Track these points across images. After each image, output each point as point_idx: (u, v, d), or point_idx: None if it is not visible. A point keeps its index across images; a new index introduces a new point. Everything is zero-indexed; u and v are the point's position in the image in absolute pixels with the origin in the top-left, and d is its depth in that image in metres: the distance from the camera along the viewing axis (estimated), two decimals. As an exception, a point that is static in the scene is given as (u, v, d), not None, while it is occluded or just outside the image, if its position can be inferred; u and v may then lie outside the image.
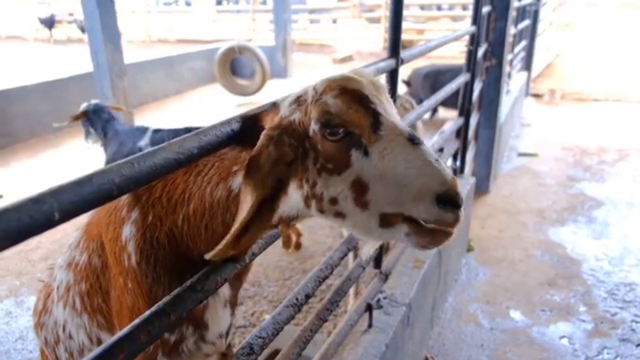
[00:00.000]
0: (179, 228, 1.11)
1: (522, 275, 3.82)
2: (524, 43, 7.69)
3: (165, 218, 1.12)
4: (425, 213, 0.89)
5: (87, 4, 6.58)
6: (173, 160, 0.81)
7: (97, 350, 0.80)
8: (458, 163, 3.69)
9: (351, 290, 2.58)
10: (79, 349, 1.40)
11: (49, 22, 18.32)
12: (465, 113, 3.48)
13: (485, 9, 3.88)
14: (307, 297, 1.46)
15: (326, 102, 0.93)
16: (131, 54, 9.32)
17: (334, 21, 17.50)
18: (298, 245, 4.01)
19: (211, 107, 9.24)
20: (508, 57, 5.40)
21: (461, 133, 3.52)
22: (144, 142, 3.80)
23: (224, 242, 0.94)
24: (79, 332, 1.37)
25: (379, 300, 2.25)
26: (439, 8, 16.49)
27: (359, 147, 0.92)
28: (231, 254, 0.99)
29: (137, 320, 0.87)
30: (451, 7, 16.29)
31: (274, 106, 1.03)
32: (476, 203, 4.82)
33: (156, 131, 3.87)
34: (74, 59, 13.25)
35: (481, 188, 5.08)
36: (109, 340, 0.83)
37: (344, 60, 13.31)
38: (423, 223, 0.92)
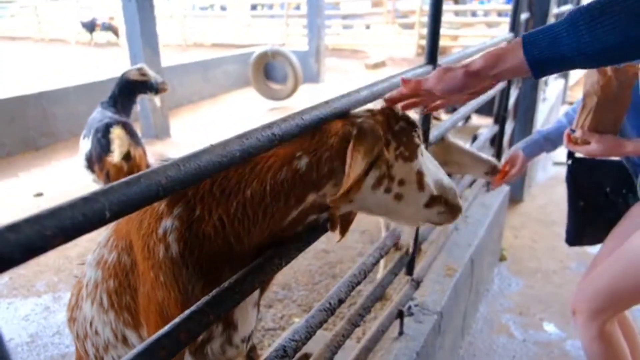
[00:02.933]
0: (230, 216, 1.13)
1: (557, 287, 3.73)
2: (561, 50, 7.53)
3: (216, 209, 1.13)
4: (455, 199, 1.26)
5: (127, 9, 6.78)
6: (217, 163, 0.83)
7: (139, 347, 0.82)
8: (492, 171, 3.63)
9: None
10: (104, 345, 1.42)
11: (90, 26, 18.87)
12: (500, 120, 3.43)
13: (524, 16, 3.83)
14: (340, 301, 1.46)
15: (407, 115, 1.24)
16: (168, 58, 9.51)
17: (367, 27, 17.49)
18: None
19: (245, 110, 9.36)
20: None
21: (496, 141, 3.47)
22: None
23: (345, 187, 1.06)
24: (105, 328, 1.39)
25: (410, 307, 2.24)
26: (474, 14, 16.30)
27: (419, 146, 1.22)
28: (342, 204, 1.13)
29: (177, 319, 0.90)
30: (486, 14, 16.09)
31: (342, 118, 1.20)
32: (510, 212, 4.74)
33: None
34: (112, 62, 13.62)
35: (515, 197, 5.00)
36: (150, 337, 0.85)
37: (377, 65, 13.29)
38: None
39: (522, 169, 2.40)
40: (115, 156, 3.57)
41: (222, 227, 1.13)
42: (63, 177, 6.08)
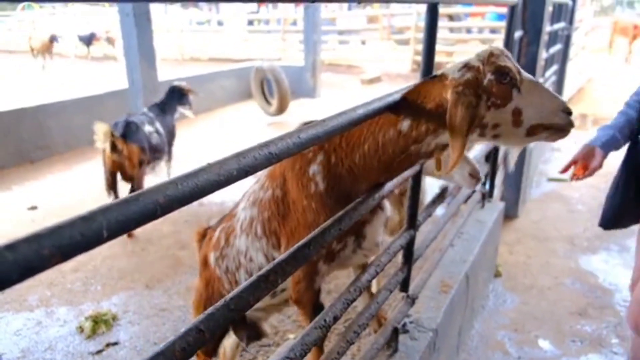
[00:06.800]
0: (356, 164, 1.56)
1: (552, 303, 3.73)
2: (555, 67, 7.61)
3: (345, 158, 1.57)
4: (560, 119, 1.40)
5: (125, 24, 6.81)
6: (214, 182, 0.84)
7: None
8: (487, 187, 3.65)
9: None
10: (257, 269, 1.82)
11: (88, 40, 18.95)
12: (495, 137, 3.45)
13: (517, 34, 3.87)
14: (335, 319, 1.46)
15: (498, 61, 1.40)
16: (165, 72, 9.53)
17: (363, 42, 17.63)
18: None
19: (241, 125, 9.38)
20: (539, 81, 5.35)
21: (490, 157, 3.49)
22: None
23: (453, 159, 1.36)
24: (258, 254, 1.83)
25: (405, 324, 2.23)
26: (469, 31, 16.47)
27: (515, 86, 1.39)
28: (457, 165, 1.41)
29: (197, 319, 0.90)
30: (481, 30, 16.26)
31: (438, 77, 1.47)
32: (505, 228, 4.75)
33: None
34: (109, 75, 13.64)
35: (510, 213, 5.01)
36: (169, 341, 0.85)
37: (372, 81, 13.37)
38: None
39: (602, 164, 2.35)
40: (98, 145, 4.43)
41: (351, 170, 1.58)
42: (58, 191, 6.05)
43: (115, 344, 3.25)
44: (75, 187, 6.15)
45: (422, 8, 1.77)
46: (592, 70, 14.03)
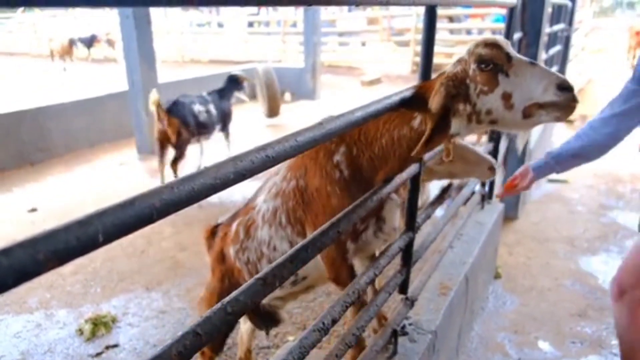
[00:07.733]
0: (375, 155, 1.71)
1: (552, 305, 3.73)
2: (555, 68, 7.61)
3: (365, 150, 1.73)
4: (553, 96, 1.38)
5: (125, 26, 6.82)
6: (210, 185, 0.84)
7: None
8: (487, 188, 3.65)
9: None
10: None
11: (88, 42, 18.96)
12: (494, 138, 3.46)
13: (517, 35, 3.88)
14: (334, 321, 1.46)
15: (478, 51, 1.48)
16: (165, 74, 9.53)
17: (363, 44, 17.63)
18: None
19: (241, 127, 9.37)
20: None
21: (490, 159, 3.48)
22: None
23: (419, 145, 1.49)
24: (283, 242, 1.94)
25: (404, 326, 2.23)
26: (469, 32, 16.48)
27: (502, 71, 1.45)
28: (424, 153, 1.53)
29: (200, 319, 0.90)
30: (481, 32, 16.26)
31: (440, 74, 1.59)
32: (504, 229, 4.74)
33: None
34: (109, 77, 13.65)
35: (510, 214, 5.00)
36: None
37: (372, 82, 13.37)
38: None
39: (529, 186, 2.47)
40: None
41: (371, 161, 1.73)
42: (58, 193, 6.05)
43: (115, 346, 3.25)
44: (76, 189, 6.15)
45: (422, 10, 1.77)
46: (591, 71, 14.03)
